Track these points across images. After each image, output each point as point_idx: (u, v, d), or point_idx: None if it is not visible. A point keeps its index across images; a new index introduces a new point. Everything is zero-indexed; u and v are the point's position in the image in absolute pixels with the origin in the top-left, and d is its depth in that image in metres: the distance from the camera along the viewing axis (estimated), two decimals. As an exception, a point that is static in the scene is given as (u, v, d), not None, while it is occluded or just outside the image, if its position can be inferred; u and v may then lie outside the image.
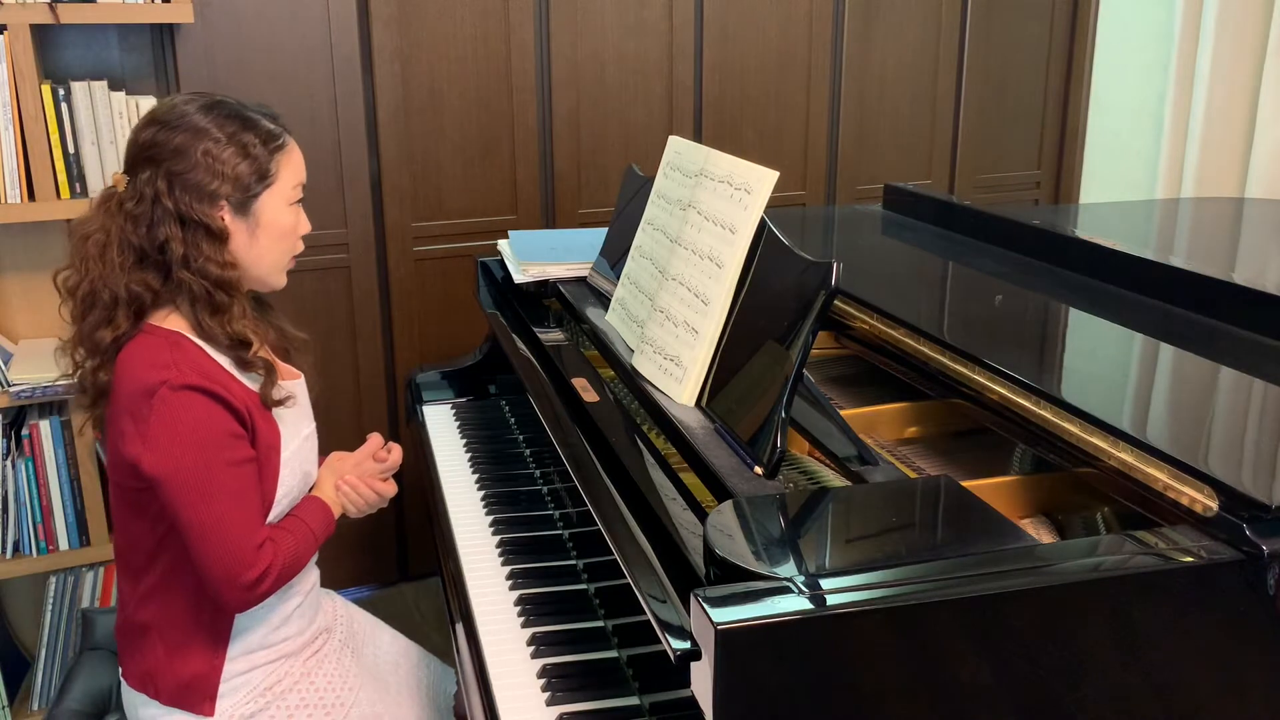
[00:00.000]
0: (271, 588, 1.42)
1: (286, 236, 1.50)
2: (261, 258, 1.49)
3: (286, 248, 1.52)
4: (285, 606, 1.54)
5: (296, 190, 1.50)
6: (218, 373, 1.42)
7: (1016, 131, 3.48)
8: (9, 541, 2.25)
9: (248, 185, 1.43)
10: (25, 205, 2.14)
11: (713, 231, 1.50)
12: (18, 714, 2.34)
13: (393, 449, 1.69)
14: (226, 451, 1.38)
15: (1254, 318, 1.53)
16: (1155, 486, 1.11)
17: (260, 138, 1.45)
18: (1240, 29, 3.11)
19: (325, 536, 1.55)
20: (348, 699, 1.57)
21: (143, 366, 1.39)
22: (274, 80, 2.58)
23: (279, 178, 1.47)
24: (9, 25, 2.07)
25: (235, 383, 1.44)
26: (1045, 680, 0.99)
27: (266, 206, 1.46)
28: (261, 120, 1.47)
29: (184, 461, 1.35)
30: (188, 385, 1.37)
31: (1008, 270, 1.92)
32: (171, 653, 1.49)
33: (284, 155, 1.48)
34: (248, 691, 1.51)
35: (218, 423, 1.38)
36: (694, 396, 1.44)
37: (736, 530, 1.06)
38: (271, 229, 1.47)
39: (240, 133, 1.43)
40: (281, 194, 1.48)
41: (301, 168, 1.52)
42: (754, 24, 3.04)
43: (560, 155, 2.90)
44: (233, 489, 1.38)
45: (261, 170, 1.44)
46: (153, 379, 1.36)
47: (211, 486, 1.36)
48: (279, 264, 1.52)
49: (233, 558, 1.37)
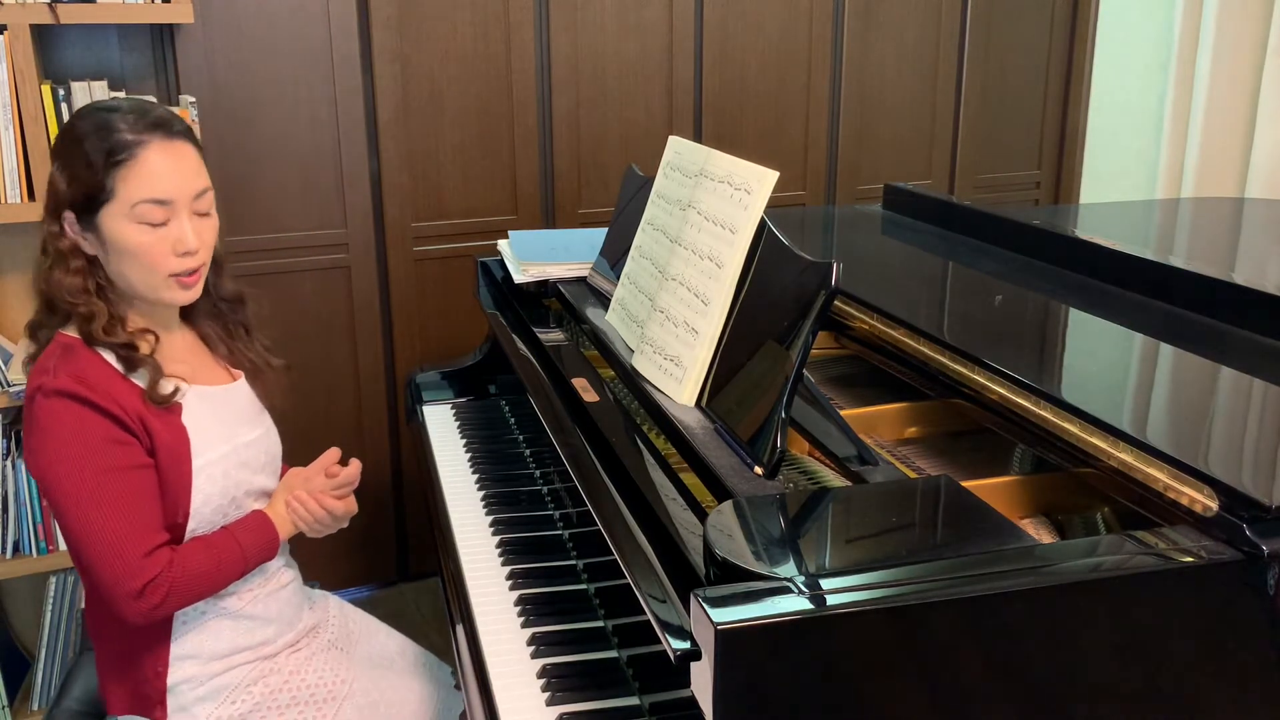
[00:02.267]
0: (166, 598, 1.37)
1: (140, 256, 1.38)
2: (124, 276, 1.41)
3: (145, 268, 1.39)
4: (253, 610, 1.53)
5: (145, 209, 1.37)
6: (102, 379, 1.38)
7: (1016, 131, 3.48)
8: (9, 541, 2.25)
9: (84, 202, 1.38)
10: (25, 205, 2.14)
11: (713, 231, 1.50)
12: (18, 714, 2.34)
13: (351, 464, 1.59)
14: (104, 458, 1.35)
15: (1254, 318, 1.53)
16: (1155, 487, 1.11)
17: (103, 149, 1.36)
18: (1240, 29, 3.11)
19: (263, 556, 1.50)
20: (340, 691, 1.57)
21: (32, 373, 1.41)
22: (274, 80, 2.58)
23: (115, 195, 1.36)
24: (9, 25, 2.07)
25: (124, 387, 1.40)
26: (1045, 680, 0.99)
27: (106, 225, 1.38)
28: (119, 130, 1.36)
29: (58, 468, 1.34)
30: (59, 391, 1.35)
31: (1008, 270, 1.92)
32: (115, 662, 1.49)
33: (126, 170, 1.36)
34: (230, 692, 1.50)
35: (91, 429, 1.35)
36: (694, 396, 1.44)
37: (736, 530, 1.06)
38: (117, 248, 1.39)
39: (84, 145, 1.37)
40: (121, 212, 1.37)
41: (156, 184, 1.37)
42: (754, 24, 3.04)
43: (560, 155, 2.90)
44: (112, 496, 1.35)
45: (96, 185, 1.36)
46: (32, 385, 1.38)
47: (90, 494, 1.34)
48: (148, 284, 1.41)
49: (116, 566, 1.34)
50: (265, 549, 1.51)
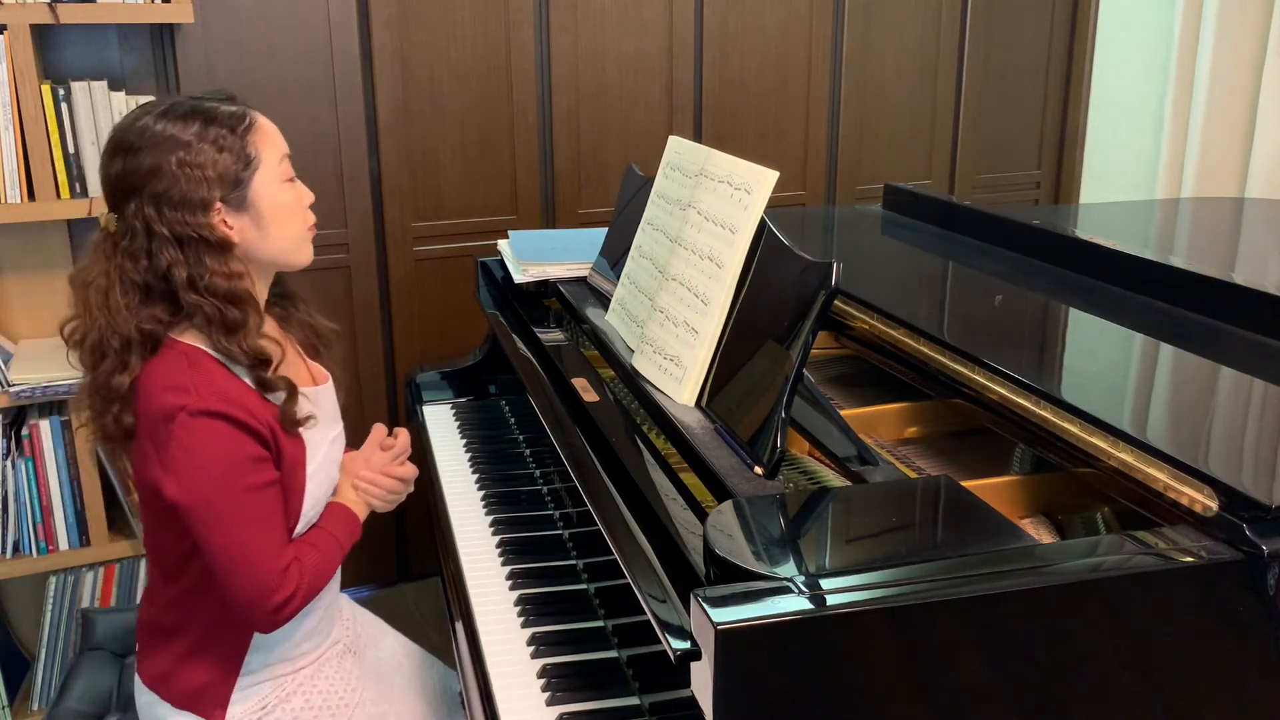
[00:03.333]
0: (299, 607, 1.40)
1: (294, 213, 1.44)
2: (277, 243, 1.43)
3: (297, 223, 1.45)
4: (308, 622, 1.54)
5: (284, 164, 1.44)
6: (238, 393, 1.37)
7: (1016, 131, 3.48)
8: (9, 541, 2.25)
9: (235, 178, 1.38)
10: (25, 205, 2.14)
11: (713, 231, 1.50)
12: (18, 714, 2.34)
13: (398, 433, 1.65)
14: (249, 476, 1.35)
15: (1254, 318, 1.53)
16: (1155, 486, 1.11)
17: (227, 126, 1.38)
18: (1240, 29, 3.11)
19: (352, 542, 1.52)
20: (351, 700, 1.57)
21: (161, 389, 1.34)
22: (274, 80, 2.58)
23: (261, 159, 1.40)
24: (9, 25, 2.07)
25: (256, 401, 1.39)
26: (1045, 680, 0.99)
27: (261, 192, 1.40)
28: (220, 108, 1.40)
29: (205, 490, 1.32)
30: (206, 411, 1.32)
31: (1008, 270, 1.92)
32: (188, 658, 1.48)
33: (256, 134, 1.41)
34: (258, 700, 1.51)
35: (238, 448, 1.34)
36: (694, 396, 1.44)
37: (736, 530, 1.06)
38: (275, 212, 1.42)
39: (205, 129, 1.37)
40: (269, 173, 1.41)
41: (279, 139, 1.45)
42: (754, 24, 3.04)
43: (560, 155, 2.90)
44: (256, 514, 1.35)
45: (241, 158, 1.38)
46: (171, 403, 1.32)
47: (234, 514, 1.33)
48: (296, 242, 1.46)
49: (259, 584, 1.35)
50: (354, 535, 1.53)
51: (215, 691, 1.48)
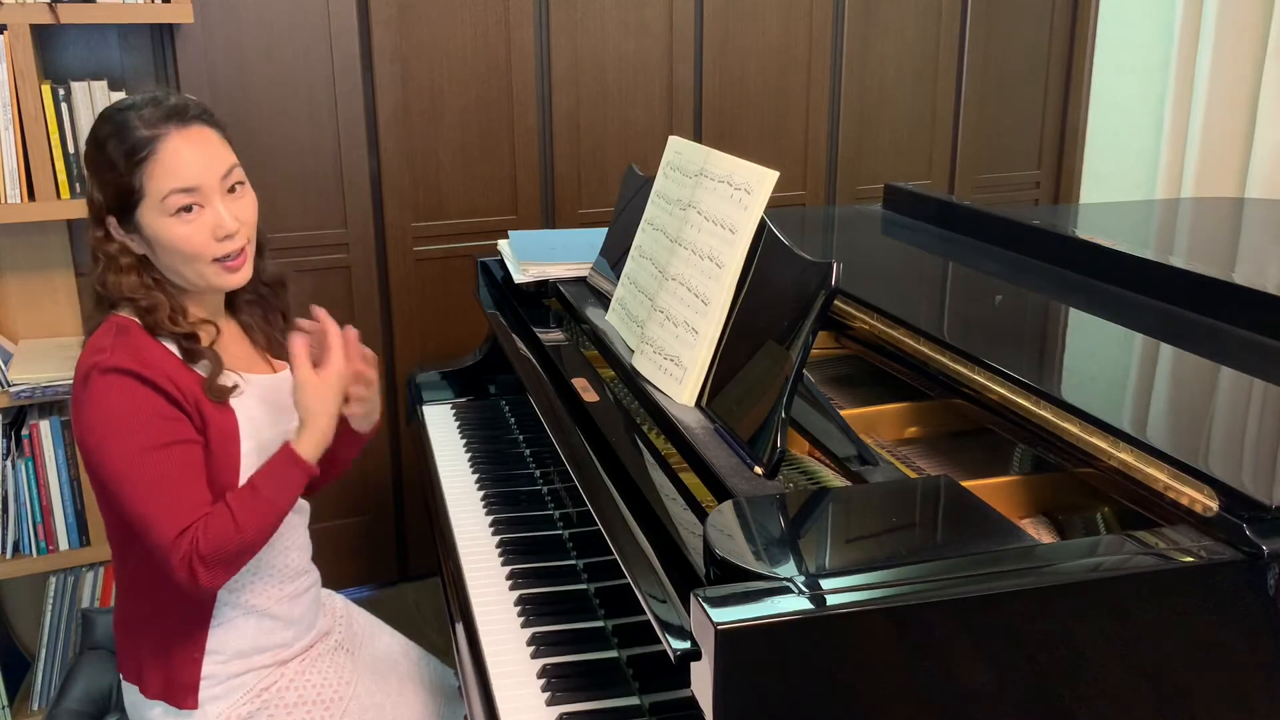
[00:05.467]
0: (210, 574, 1.34)
1: (181, 248, 1.38)
2: (173, 270, 1.42)
3: (188, 258, 1.39)
4: (279, 610, 1.53)
5: (175, 198, 1.36)
6: (160, 360, 1.40)
7: (1016, 131, 3.48)
8: (9, 541, 2.25)
9: (120, 204, 1.38)
10: (25, 205, 2.14)
11: (713, 231, 1.49)
12: (18, 714, 2.34)
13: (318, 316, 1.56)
14: (152, 432, 1.35)
15: (1254, 318, 1.53)
16: (1155, 487, 1.11)
17: (124, 150, 1.36)
18: (1240, 29, 3.11)
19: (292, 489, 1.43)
20: (345, 693, 1.57)
21: (86, 353, 1.40)
22: (274, 80, 2.58)
23: (146, 192, 1.36)
24: (9, 25, 2.07)
25: (181, 371, 1.41)
26: (1045, 680, 0.99)
27: (146, 223, 1.38)
28: (136, 128, 1.36)
29: (109, 443, 1.34)
30: (115, 368, 1.35)
31: (1008, 270, 1.92)
32: (154, 648, 1.49)
33: (150, 166, 1.36)
34: (243, 694, 1.50)
35: (143, 404, 1.36)
36: (694, 396, 1.44)
37: (736, 530, 1.06)
38: (160, 244, 1.39)
39: (106, 148, 1.37)
40: (154, 209, 1.37)
41: (180, 172, 1.36)
42: (754, 24, 3.04)
43: (560, 155, 2.90)
44: (158, 473, 1.35)
45: (126, 187, 1.37)
46: (87, 363, 1.37)
47: (139, 470, 1.34)
48: (196, 273, 1.41)
49: (159, 543, 1.34)
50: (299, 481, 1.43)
51: (183, 678, 1.48)
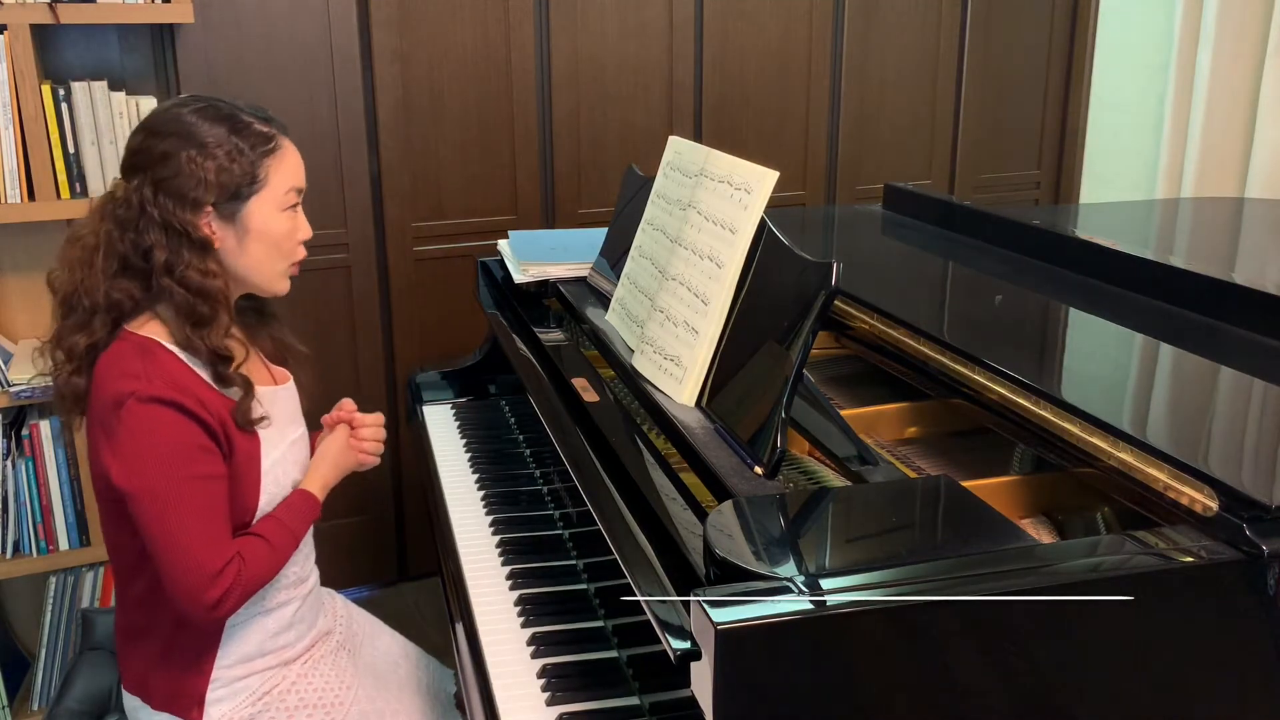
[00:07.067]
0: (236, 605, 1.39)
1: (280, 244, 1.46)
2: (254, 266, 1.45)
3: (281, 255, 1.47)
4: (283, 612, 1.53)
5: (290, 195, 1.45)
6: (191, 384, 1.38)
7: (1016, 131, 3.48)
8: (9, 541, 2.25)
9: (234, 191, 1.40)
10: (25, 205, 2.14)
11: (713, 231, 1.50)
12: (18, 714, 2.34)
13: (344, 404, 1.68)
14: (194, 465, 1.35)
15: (1254, 318, 1.53)
16: (1155, 486, 1.11)
17: (249, 141, 1.41)
18: (1240, 29, 3.11)
19: (309, 525, 1.52)
20: (346, 697, 1.57)
21: (113, 376, 1.36)
22: (274, 80, 2.58)
23: (268, 183, 1.42)
24: (9, 25, 2.07)
25: (210, 394, 1.40)
26: (1045, 680, 0.99)
27: (255, 213, 1.42)
28: (253, 123, 1.42)
29: (148, 476, 1.33)
30: (155, 397, 1.34)
31: (1008, 270, 1.92)
32: (161, 658, 1.48)
33: (275, 159, 1.43)
34: (246, 696, 1.50)
35: (184, 436, 1.35)
36: (694, 396, 1.44)
37: (736, 530, 1.06)
38: (262, 236, 1.43)
39: (228, 137, 1.39)
40: (272, 200, 1.43)
41: (297, 172, 1.47)
42: (754, 24, 3.04)
43: (560, 155, 2.90)
44: (197, 505, 1.35)
45: (248, 175, 1.40)
46: (121, 389, 1.34)
47: (177, 502, 1.33)
48: (275, 271, 1.48)
49: (195, 577, 1.34)
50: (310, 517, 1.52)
51: (190, 690, 1.48)
